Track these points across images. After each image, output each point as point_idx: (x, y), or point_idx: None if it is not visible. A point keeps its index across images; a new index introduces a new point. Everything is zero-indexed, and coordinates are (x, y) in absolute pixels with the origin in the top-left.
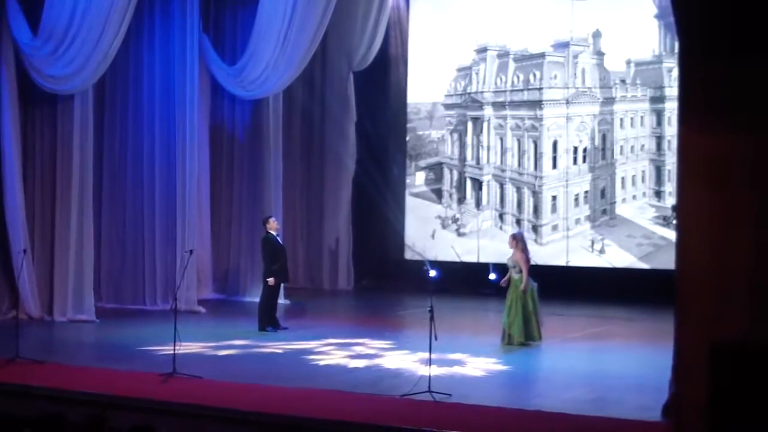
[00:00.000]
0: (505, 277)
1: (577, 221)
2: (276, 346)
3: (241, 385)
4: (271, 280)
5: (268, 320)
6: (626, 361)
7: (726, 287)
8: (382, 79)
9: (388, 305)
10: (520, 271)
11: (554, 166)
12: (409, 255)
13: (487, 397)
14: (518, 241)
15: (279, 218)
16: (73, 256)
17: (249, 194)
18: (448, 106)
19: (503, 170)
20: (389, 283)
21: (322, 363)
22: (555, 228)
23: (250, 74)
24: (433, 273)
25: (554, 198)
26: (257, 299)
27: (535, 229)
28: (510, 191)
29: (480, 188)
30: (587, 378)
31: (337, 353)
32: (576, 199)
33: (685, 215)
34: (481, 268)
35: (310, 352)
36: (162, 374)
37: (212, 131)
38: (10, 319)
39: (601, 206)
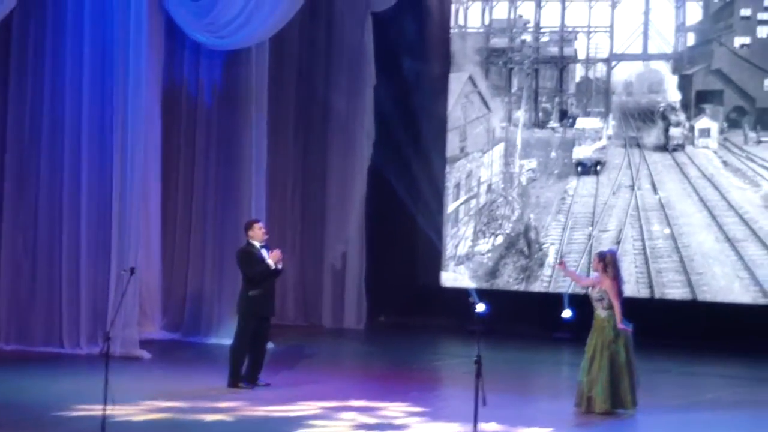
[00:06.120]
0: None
1: None
2: (251, 411)
3: None
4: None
5: (245, 373)
6: None
7: None
8: (415, 24)
9: (415, 352)
10: (610, 306)
11: None
12: (449, 280)
13: None
14: (608, 264)
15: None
16: None
17: (218, 189)
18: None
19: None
20: (418, 321)
21: None
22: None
23: (223, 14)
24: (481, 307)
25: None
26: (228, 341)
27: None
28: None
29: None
30: None
31: (342, 423)
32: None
33: None
34: (552, 301)
35: (301, 420)
36: None
37: (166, 96)
38: None
39: None
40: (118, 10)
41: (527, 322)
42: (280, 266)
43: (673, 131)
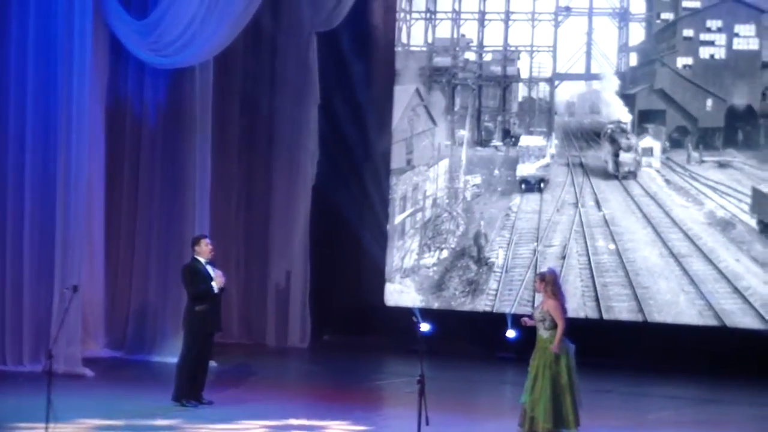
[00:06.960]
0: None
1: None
2: (193, 429)
3: None
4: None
5: (189, 390)
6: None
7: None
8: (360, 42)
9: (359, 371)
10: (552, 327)
11: None
12: (394, 293)
13: None
14: (548, 283)
15: None
16: None
17: (162, 207)
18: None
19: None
20: (362, 340)
21: None
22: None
23: (167, 32)
24: (425, 327)
25: None
26: (172, 359)
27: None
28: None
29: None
30: None
31: None
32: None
33: None
34: (496, 321)
35: None
36: None
37: (110, 113)
38: None
39: None
40: (61, 27)
41: (471, 342)
42: (222, 287)
43: (624, 156)
